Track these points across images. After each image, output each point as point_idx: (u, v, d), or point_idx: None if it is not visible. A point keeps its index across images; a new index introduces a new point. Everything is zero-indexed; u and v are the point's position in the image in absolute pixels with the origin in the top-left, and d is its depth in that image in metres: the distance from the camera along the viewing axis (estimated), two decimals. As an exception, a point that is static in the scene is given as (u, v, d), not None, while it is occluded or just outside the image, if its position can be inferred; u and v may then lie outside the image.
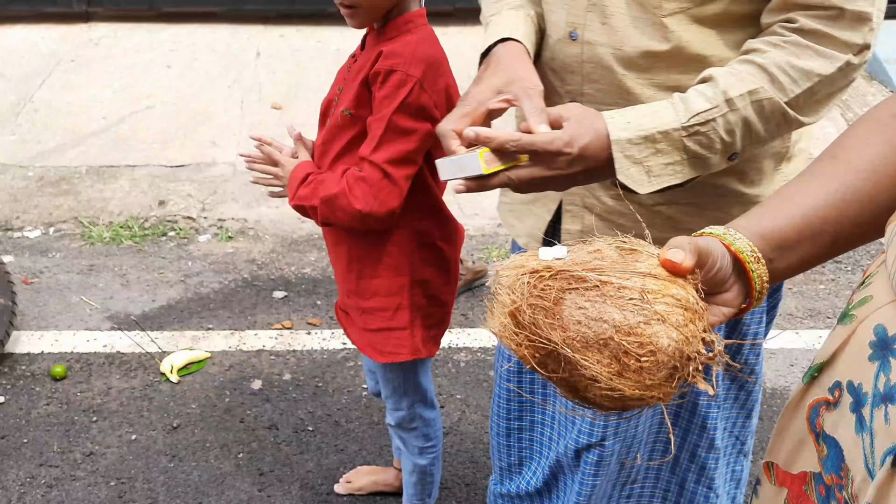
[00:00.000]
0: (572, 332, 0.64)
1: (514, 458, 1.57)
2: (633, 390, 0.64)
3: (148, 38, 4.68)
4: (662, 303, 0.64)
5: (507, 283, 0.68)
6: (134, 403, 2.40)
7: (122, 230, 3.33)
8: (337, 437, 2.29)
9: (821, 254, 0.75)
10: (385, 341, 1.62)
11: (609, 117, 1.01)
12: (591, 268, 0.66)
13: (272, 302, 2.92)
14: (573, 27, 1.13)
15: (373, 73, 1.40)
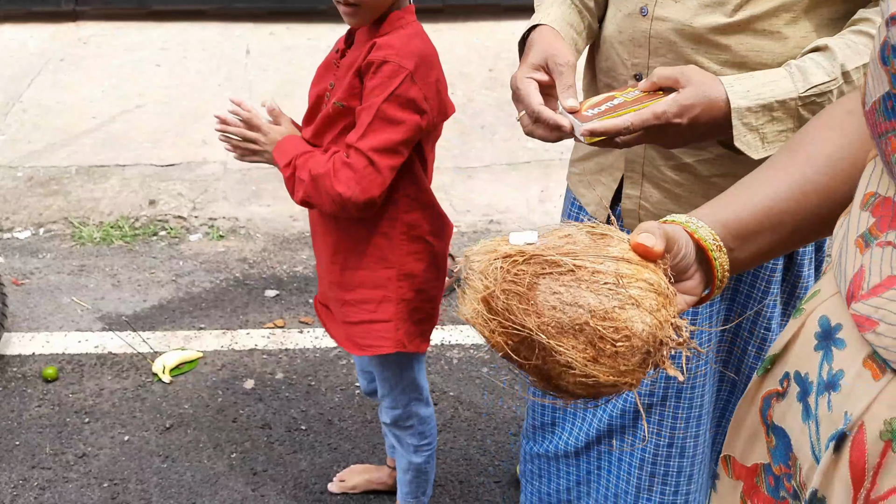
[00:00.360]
0: (547, 318, 0.63)
1: (548, 417, 1.59)
2: (607, 376, 0.64)
3: (138, 36, 4.66)
4: (636, 287, 0.64)
5: (480, 268, 0.66)
6: (126, 404, 2.39)
7: (112, 230, 3.32)
8: (330, 436, 2.29)
9: (781, 243, 0.76)
10: (365, 334, 1.62)
11: (728, 84, 1.05)
12: (565, 252, 0.65)
13: (264, 301, 2.91)
14: (644, 3, 1.17)
15: (365, 63, 1.40)
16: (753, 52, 1.12)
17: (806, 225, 0.75)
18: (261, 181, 3.68)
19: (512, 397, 2.44)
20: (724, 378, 1.41)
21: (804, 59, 1.07)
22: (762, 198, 0.75)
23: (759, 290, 1.32)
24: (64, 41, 4.63)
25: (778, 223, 0.74)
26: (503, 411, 2.38)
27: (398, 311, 1.60)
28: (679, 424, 1.37)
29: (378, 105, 1.38)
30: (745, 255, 0.75)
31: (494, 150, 3.91)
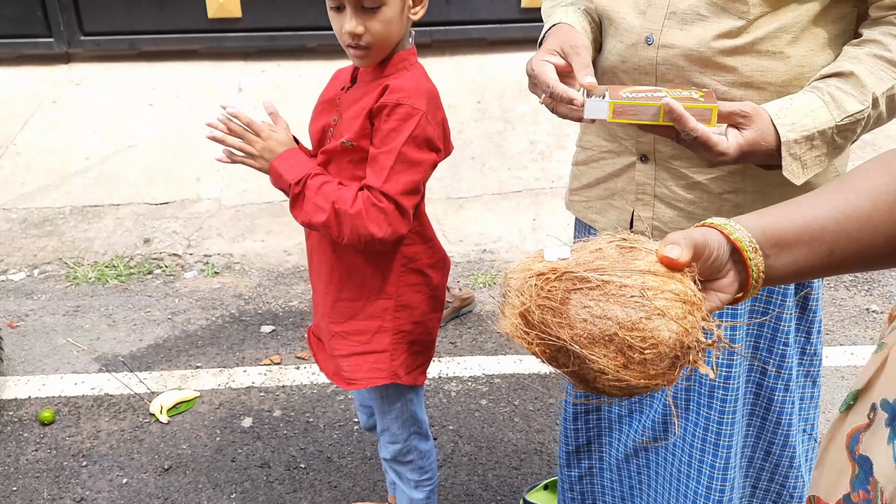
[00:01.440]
0: (579, 330, 0.68)
1: (582, 439, 1.62)
2: (638, 380, 0.69)
3: (129, 76, 4.69)
4: (662, 298, 0.68)
5: (516, 285, 0.72)
6: (124, 446, 2.38)
7: (107, 270, 3.32)
8: (330, 474, 2.27)
9: (816, 263, 0.79)
10: (356, 367, 1.62)
11: (776, 117, 1.10)
12: (594, 268, 0.70)
13: (260, 337, 2.91)
14: (650, 32, 1.21)
15: (377, 106, 1.43)
16: (759, 72, 1.17)
17: (843, 248, 0.79)
18: (255, 217, 3.70)
19: (513, 430, 2.44)
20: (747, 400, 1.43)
21: (832, 87, 1.12)
22: (804, 213, 0.80)
23: (774, 304, 1.34)
24: (56, 83, 4.66)
25: (816, 239, 0.78)
26: (504, 444, 2.38)
27: (394, 342, 1.61)
28: (711, 427, 1.38)
29: (399, 148, 1.42)
30: (779, 264, 0.78)
31: (485, 181, 3.94)
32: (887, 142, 4.09)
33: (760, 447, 1.44)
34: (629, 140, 1.31)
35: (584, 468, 1.63)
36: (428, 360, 1.70)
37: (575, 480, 1.65)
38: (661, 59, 1.20)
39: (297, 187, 1.48)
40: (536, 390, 2.61)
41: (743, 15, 1.14)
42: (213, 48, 4.86)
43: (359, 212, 1.42)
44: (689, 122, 1.06)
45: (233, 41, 4.83)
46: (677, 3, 1.18)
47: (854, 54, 1.13)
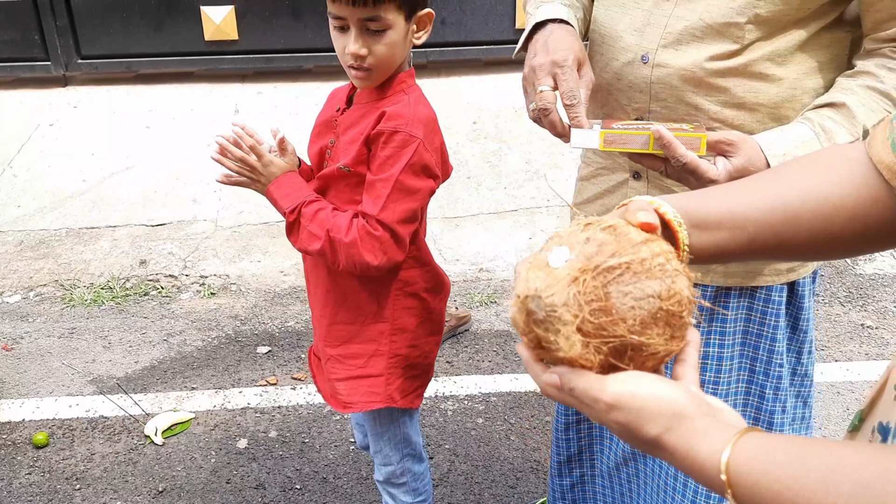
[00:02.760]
0: (630, 320, 0.66)
1: (574, 448, 1.61)
2: (679, 346, 0.69)
3: (126, 99, 4.72)
4: (668, 260, 0.68)
5: (560, 300, 0.67)
6: (118, 469, 2.36)
7: (103, 291, 3.32)
8: (325, 495, 2.26)
9: (736, 248, 0.79)
10: (351, 391, 1.61)
11: (765, 147, 1.10)
12: (609, 255, 0.68)
13: (256, 358, 2.90)
14: (645, 51, 1.22)
15: (375, 132, 1.42)
16: (751, 93, 1.18)
17: (764, 238, 0.78)
18: (251, 237, 3.71)
19: (509, 448, 2.42)
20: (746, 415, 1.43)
21: (824, 118, 1.12)
22: (731, 199, 0.80)
23: (769, 326, 1.34)
24: (53, 106, 4.68)
25: (738, 226, 0.78)
26: (500, 463, 2.37)
27: (389, 366, 1.60)
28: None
29: (396, 176, 1.41)
30: (700, 244, 0.78)
31: (480, 200, 3.96)
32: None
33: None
34: (622, 157, 1.32)
35: (575, 477, 1.63)
36: (425, 383, 1.69)
37: (567, 489, 1.64)
38: (655, 77, 1.21)
39: (292, 216, 1.47)
40: (533, 408, 2.60)
41: (738, 39, 1.15)
42: (209, 70, 4.89)
43: (353, 240, 1.41)
44: (678, 148, 1.06)
45: (229, 63, 4.86)
46: (674, 24, 1.19)
47: (847, 86, 1.13)
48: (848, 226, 0.76)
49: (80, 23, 4.72)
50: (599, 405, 0.64)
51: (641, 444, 0.65)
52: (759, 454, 0.59)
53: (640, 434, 0.64)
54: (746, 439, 0.60)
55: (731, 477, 0.59)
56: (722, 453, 0.60)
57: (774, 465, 0.57)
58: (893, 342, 2.93)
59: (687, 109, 1.21)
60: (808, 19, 1.14)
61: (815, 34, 1.16)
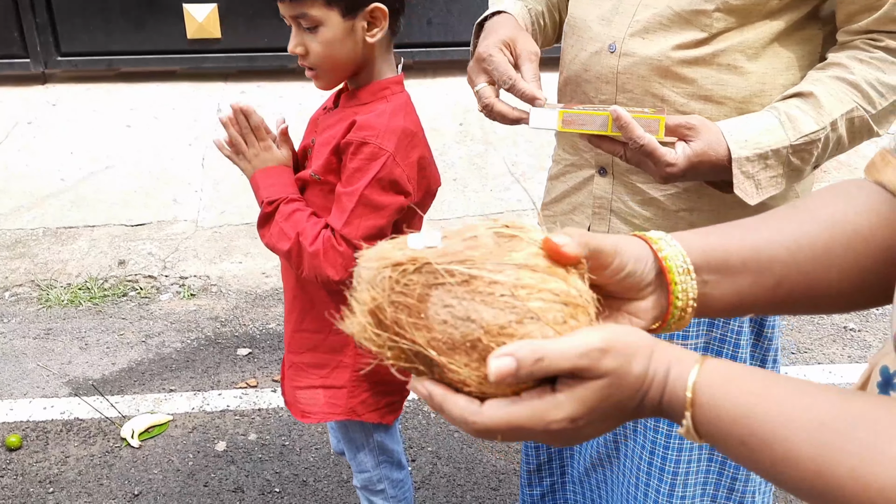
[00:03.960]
0: (438, 333, 0.57)
1: (543, 455, 1.58)
2: (505, 392, 0.58)
3: (107, 98, 4.66)
4: (538, 298, 0.57)
5: (368, 277, 0.60)
6: (93, 472, 2.31)
7: (80, 292, 3.26)
8: (305, 498, 2.22)
9: (760, 296, 0.70)
10: (312, 401, 1.58)
11: (727, 133, 1.08)
12: (462, 259, 0.58)
13: (236, 360, 2.86)
14: (613, 41, 1.20)
15: (344, 142, 1.38)
16: (718, 85, 1.15)
17: (793, 281, 0.70)
18: (232, 238, 3.66)
19: (492, 450, 2.40)
20: None
21: (791, 107, 1.10)
22: (754, 237, 0.70)
23: (732, 331, 1.32)
24: (32, 104, 4.61)
25: (764, 268, 0.69)
26: (483, 465, 2.34)
27: (353, 379, 1.55)
28: (657, 451, 1.35)
29: (360, 191, 1.35)
30: (719, 293, 0.69)
31: (467, 202, 3.93)
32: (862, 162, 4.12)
33: (724, 484, 1.40)
34: (589, 152, 1.30)
35: (545, 486, 1.60)
36: (398, 399, 1.63)
37: (537, 499, 1.62)
38: (622, 67, 1.19)
39: (269, 207, 1.44)
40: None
41: (706, 27, 1.13)
42: (192, 69, 4.84)
43: (317, 251, 1.37)
44: (635, 129, 1.04)
45: (212, 62, 4.81)
46: (642, 12, 1.17)
47: (817, 76, 1.12)
48: (881, 258, 0.69)
49: (60, 20, 4.65)
50: (593, 353, 0.57)
51: (627, 390, 0.58)
52: (726, 379, 0.57)
53: (629, 378, 0.58)
54: (712, 363, 0.59)
55: (694, 397, 0.57)
56: (690, 373, 0.58)
57: (739, 391, 0.56)
58: (876, 345, 2.93)
59: (653, 101, 1.18)
60: (780, 12, 1.12)
61: (788, 29, 1.14)
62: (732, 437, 0.56)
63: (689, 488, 1.37)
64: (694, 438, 0.59)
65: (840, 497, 0.51)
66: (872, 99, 1.09)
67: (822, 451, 0.51)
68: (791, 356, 2.89)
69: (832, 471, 0.51)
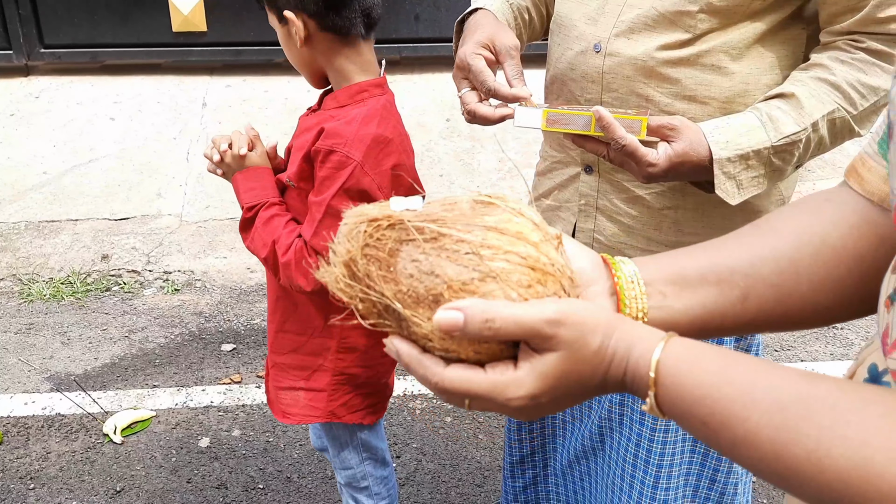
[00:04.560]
0: (404, 286, 0.59)
1: (526, 448, 1.58)
2: (468, 353, 0.59)
3: (91, 90, 4.61)
4: (503, 259, 0.58)
5: (346, 231, 0.63)
6: (74, 468, 2.29)
7: (63, 286, 3.23)
8: (289, 495, 2.21)
9: (728, 309, 0.69)
10: (293, 402, 1.57)
11: (709, 133, 1.09)
12: (434, 219, 0.60)
13: (220, 355, 2.84)
14: (598, 40, 1.20)
15: (314, 150, 1.36)
16: (702, 85, 1.16)
17: (760, 294, 0.69)
18: (217, 233, 3.64)
19: (476, 447, 2.39)
20: None
21: (772, 107, 1.11)
22: (711, 254, 0.70)
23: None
24: (15, 96, 4.56)
25: (725, 280, 0.69)
26: (468, 462, 2.34)
27: (334, 382, 1.54)
28: (642, 443, 1.36)
29: (328, 201, 1.33)
30: (681, 305, 0.68)
31: (453, 198, 3.93)
32: (846, 161, 4.15)
33: (705, 475, 1.41)
34: (575, 150, 1.31)
35: (528, 478, 1.61)
36: (381, 400, 1.63)
37: (519, 491, 1.62)
38: (607, 67, 1.20)
39: (249, 213, 1.43)
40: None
41: (690, 28, 1.14)
42: (177, 62, 4.80)
43: (288, 262, 1.36)
44: (617, 130, 1.05)
45: (198, 55, 4.78)
46: (627, 13, 1.18)
47: (799, 77, 1.13)
48: (855, 268, 0.68)
49: (43, 11, 4.60)
50: (545, 324, 0.56)
51: (586, 364, 0.58)
52: (689, 358, 0.57)
53: (587, 352, 0.58)
54: (677, 342, 0.58)
55: (658, 377, 0.57)
56: (654, 351, 0.58)
57: (701, 371, 0.56)
58: (859, 342, 2.95)
59: (638, 101, 1.19)
60: (763, 12, 1.13)
61: (772, 29, 1.15)
62: (694, 417, 0.56)
63: (673, 479, 1.38)
64: (658, 415, 0.59)
65: (798, 479, 0.51)
66: (853, 100, 1.09)
67: (781, 433, 0.51)
68: (774, 353, 2.90)
69: (790, 453, 0.51)
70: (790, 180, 1.29)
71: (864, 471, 0.48)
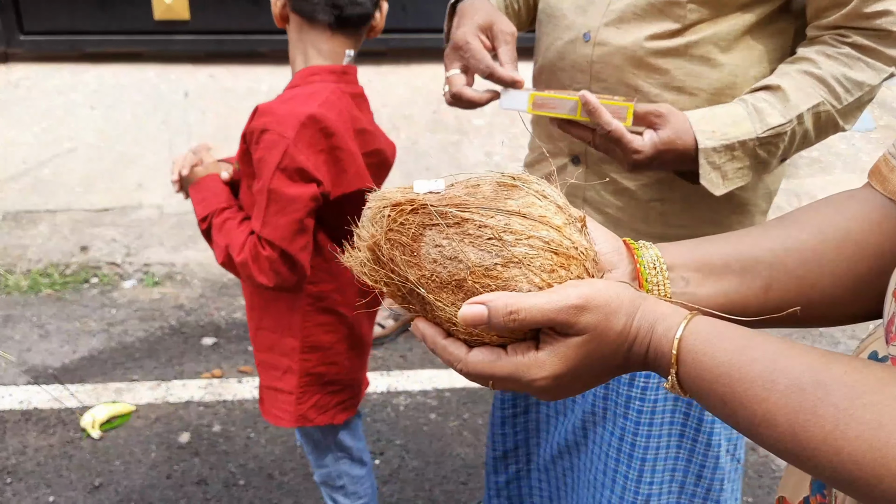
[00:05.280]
0: (427, 271, 0.60)
1: (510, 443, 1.57)
2: (491, 337, 0.60)
3: (70, 79, 4.53)
4: (526, 244, 0.59)
5: (370, 215, 0.63)
6: (52, 462, 2.25)
7: (41, 278, 3.17)
8: (270, 491, 2.18)
9: (751, 298, 0.69)
10: (272, 400, 1.55)
11: (695, 123, 1.09)
12: (457, 203, 0.60)
13: (201, 349, 2.80)
14: (588, 29, 1.20)
15: (248, 130, 1.33)
16: (691, 76, 1.16)
17: (783, 285, 0.69)
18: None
19: (461, 444, 2.37)
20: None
21: (759, 99, 1.11)
22: (736, 243, 0.71)
23: None
24: (-8, 83, 4.47)
25: (749, 269, 0.69)
26: (452, 459, 2.31)
27: (301, 385, 1.51)
28: (626, 437, 1.35)
29: (268, 185, 1.29)
30: (704, 293, 0.69)
31: (438, 192, 3.90)
32: (835, 159, 4.17)
33: (692, 471, 1.40)
34: (563, 141, 1.31)
35: (511, 473, 1.59)
36: (352, 396, 1.60)
37: (502, 486, 1.61)
38: (596, 56, 1.19)
39: (203, 225, 1.41)
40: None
41: (679, 18, 1.13)
42: (159, 51, 4.73)
43: (244, 260, 1.32)
44: (603, 115, 1.05)
45: (180, 44, 4.70)
46: (616, 2, 1.18)
47: (785, 70, 1.13)
48: (876, 265, 0.68)
49: (22, -3, 4.51)
50: (570, 310, 0.57)
51: (609, 345, 0.59)
52: (710, 337, 0.58)
53: (611, 333, 0.59)
54: (699, 321, 0.59)
55: (680, 354, 0.58)
56: (676, 330, 0.59)
57: (721, 350, 0.57)
58: (845, 341, 2.95)
59: (627, 91, 1.19)
60: (752, 4, 1.13)
61: (760, 21, 1.15)
62: (714, 396, 0.57)
63: (658, 474, 1.37)
64: (679, 393, 0.60)
65: (814, 459, 0.52)
66: (838, 94, 1.10)
67: (798, 414, 0.52)
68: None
69: (807, 434, 0.52)
70: (776, 175, 1.29)
71: (878, 453, 0.49)
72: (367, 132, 1.45)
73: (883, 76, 1.11)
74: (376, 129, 1.49)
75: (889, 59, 1.10)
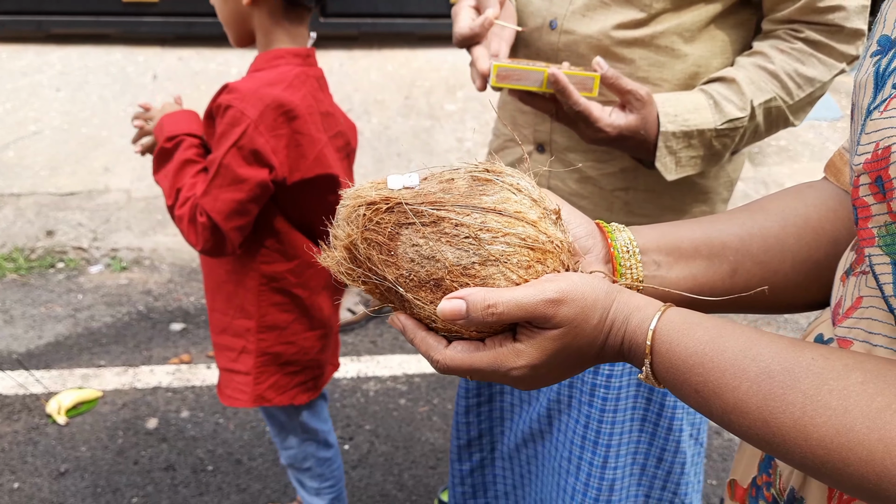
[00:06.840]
0: (405, 271, 0.60)
1: (474, 431, 1.58)
2: (470, 332, 0.61)
3: (36, 60, 4.45)
4: (503, 242, 0.59)
5: (345, 214, 0.63)
6: (17, 449, 2.22)
7: (5, 262, 3.12)
8: (238, 476, 2.18)
9: (718, 282, 0.72)
10: (227, 382, 1.55)
11: (661, 105, 1.09)
12: (432, 201, 0.60)
13: (169, 335, 2.78)
14: (554, 17, 1.20)
15: (214, 105, 1.33)
16: (655, 67, 1.17)
17: (748, 270, 0.71)
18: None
19: (430, 429, 2.39)
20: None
21: (715, 91, 1.12)
22: (704, 228, 0.73)
23: None
24: (-46, 63, 4.37)
25: (716, 254, 0.71)
26: (421, 444, 2.33)
27: (258, 365, 1.51)
28: (591, 424, 1.36)
29: (220, 158, 1.29)
30: (673, 276, 0.71)
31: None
32: (802, 148, 4.22)
33: (653, 454, 1.43)
34: (528, 129, 1.31)
35: (475, 461, 1.61)
36: (313, 377, 1.60)
37: (466, 474, 1.62)
38: (562, 44, 1.20)
39: (169, 143, 1.38)
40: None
41: (645, 8, 1.14)
42: (127, 32, 4.65)
43: (182, 216, 1.33)
44: (573, 94, 1.06)
45: (148, 26, 4.63)
46: None
47: (741, 63, 1.15)
48: (832, 251, 0.71)
49: (-16, -25, 4.41)
50: (547, 305, 0.58)
51: (585, 338, 0.60)
52: (683, 328, 0.59)
53: (587, 326, 0.60)
54: (673, 312, 0.61)
55: (654, 345, 0.60)
56: (650, 321, 0.60)
57: (694, 340, 0.58)
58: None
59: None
60: None
61: (723, 13, 1.16)
62: (687, 385, 0.58)
63: (621, 458, 1.39)
64: (654, 384, 0.61)
65: (785, 445, 0.53)
66: (790, 90, 1.12)
67: (769, 401, 0.54)
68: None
69: (777, 421, 0.53)
70: (737, 163, 1.31)
71: (845, 437, 0.50)
72: (330, 115, 1.45)
73: (834, 72, 1.12)
74: (337, 110, 1.49)
75: (840, 55, 1.12)
